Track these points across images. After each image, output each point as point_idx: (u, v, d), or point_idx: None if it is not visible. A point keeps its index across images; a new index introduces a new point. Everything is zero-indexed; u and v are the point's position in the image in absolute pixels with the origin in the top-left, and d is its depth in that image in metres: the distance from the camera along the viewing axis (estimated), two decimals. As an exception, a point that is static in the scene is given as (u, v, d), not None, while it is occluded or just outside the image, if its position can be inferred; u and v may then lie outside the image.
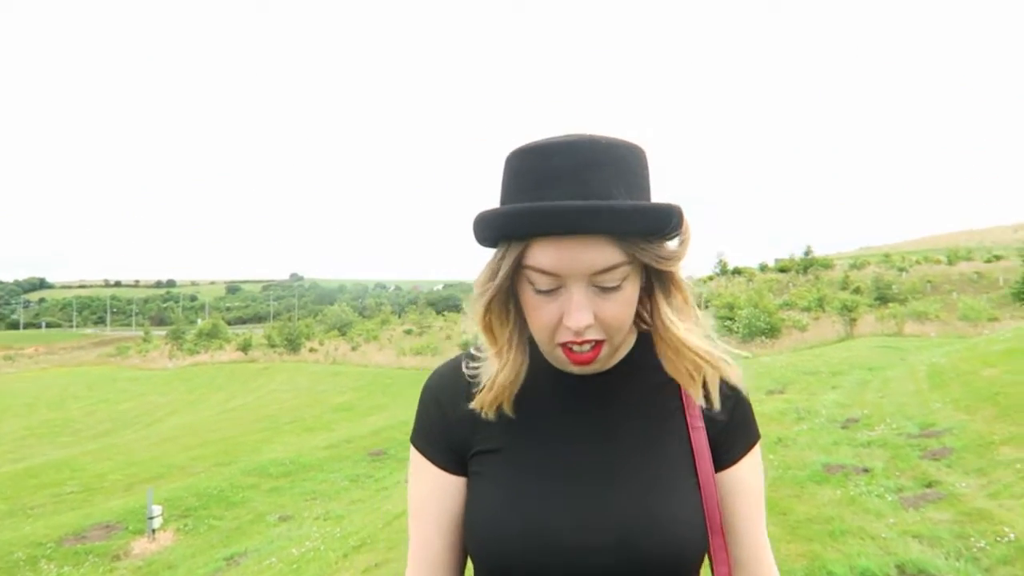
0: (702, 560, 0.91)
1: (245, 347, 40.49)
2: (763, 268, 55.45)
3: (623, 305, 0.82)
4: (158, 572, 7.15)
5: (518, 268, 0.82)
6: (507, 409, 0.90)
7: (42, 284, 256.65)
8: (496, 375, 0.88)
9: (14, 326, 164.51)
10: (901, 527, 4.63)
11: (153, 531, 7.92)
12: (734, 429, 0.95)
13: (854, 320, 24.70)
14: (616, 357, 0.94)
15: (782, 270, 52.21)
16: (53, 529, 8.50)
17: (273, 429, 17.09)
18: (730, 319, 27.01)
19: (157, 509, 7.98)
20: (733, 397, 0.95)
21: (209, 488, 10.09)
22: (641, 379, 0.93)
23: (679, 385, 0.92)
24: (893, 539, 4.42)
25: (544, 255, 0.78)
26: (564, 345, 0.84)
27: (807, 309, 32.09)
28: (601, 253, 0.77)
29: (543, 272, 0.79)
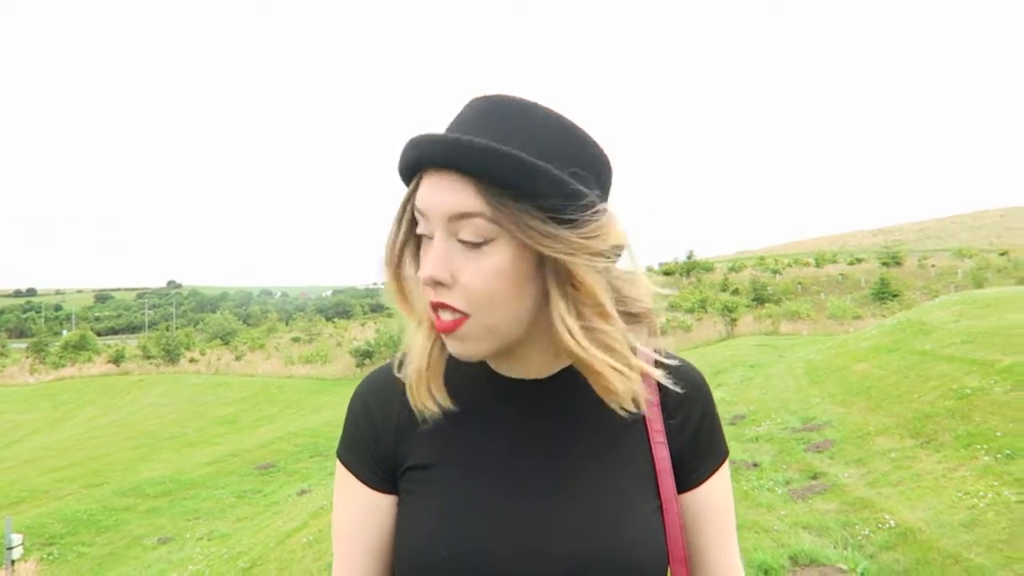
0: None
1: (117, 359, 38.08)
2: (650, 271, 57.23)
3: (486, 273, 0.71)
4: (18, 609, 6.51)
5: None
6: (438, 397, 0.79)
7: None
8: (415, 351, 0.79)
9: None
10: (792, 519, 4.80)
11: (12, 562, 7.19)
12: (700, 445, 0.86)
13: (734, 320, 25.91)
14: (549, 366, 0.83)
15: (667, 273, 54.09)
16: None
17: (150, 446, 16.07)
18: (619, 321, 27.71)
19: (17, 538, 7.25)
20: (699, 409, 0.86)
21: (78, 512, 9.33)
22: (593, 395, 0.81)
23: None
24: (785, 531, 4.58)
25: (421, 190, 0.73)
26: (434, 310, 0.74)
27: (691, 310, 33.35)
28: (456, 195, 0.70)
29: (420, 212, 0.73)
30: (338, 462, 0.87)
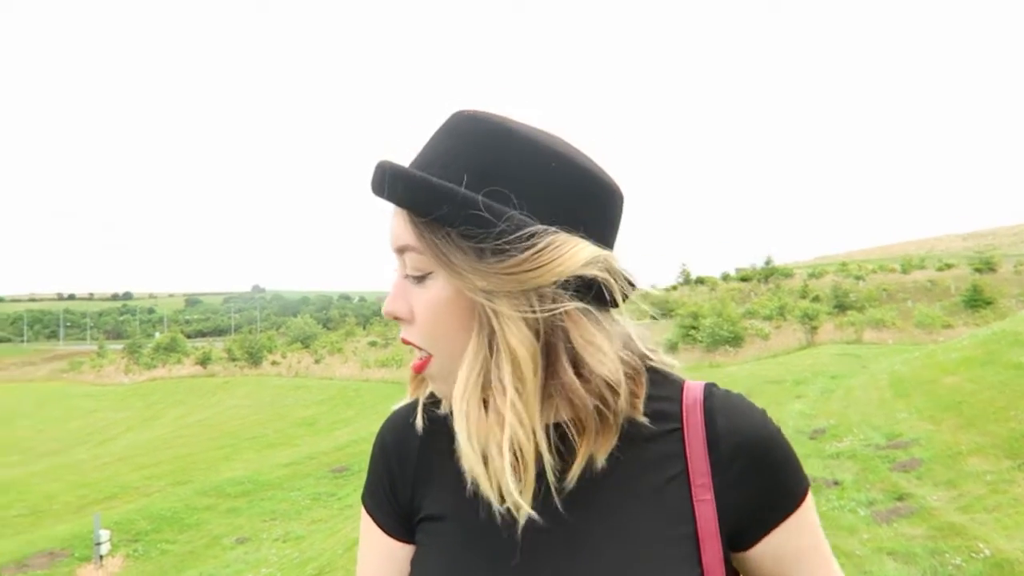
0: None
1: (204, 361, 39.66)
2: (725, 277, 56.08)
3: (427, 307, 0.69)
4: (106, 602, 6.81)
5: None
6: (476, 460, 0.70)
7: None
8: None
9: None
10: (875, 543, 4.56)
11: (101, 557, 7.55)
12: (764, 499, 0.71)
13: (815, 328, 25.01)
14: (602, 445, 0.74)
15: (744, 279, 52.80)
16: (-6, 557, 8.07)
17: (233, 446, 16.64)
18: (694, 328, 27.23)
19: (105, 534, 7.61)
20: (760, 457, 0.71)
21: (162, 510, 9.71)
22: (629, 437, 0.72)
23: (681, 443, 0.72)
24: (868, 556, 4.35)
25: None
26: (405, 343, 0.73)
27: (768, 318, 32.41)
28: (396, 227, 0.70)
29: None
30: (362, 506, 0.83)
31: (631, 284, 0.71)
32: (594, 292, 0.67)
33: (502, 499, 0.67)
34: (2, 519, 10.95)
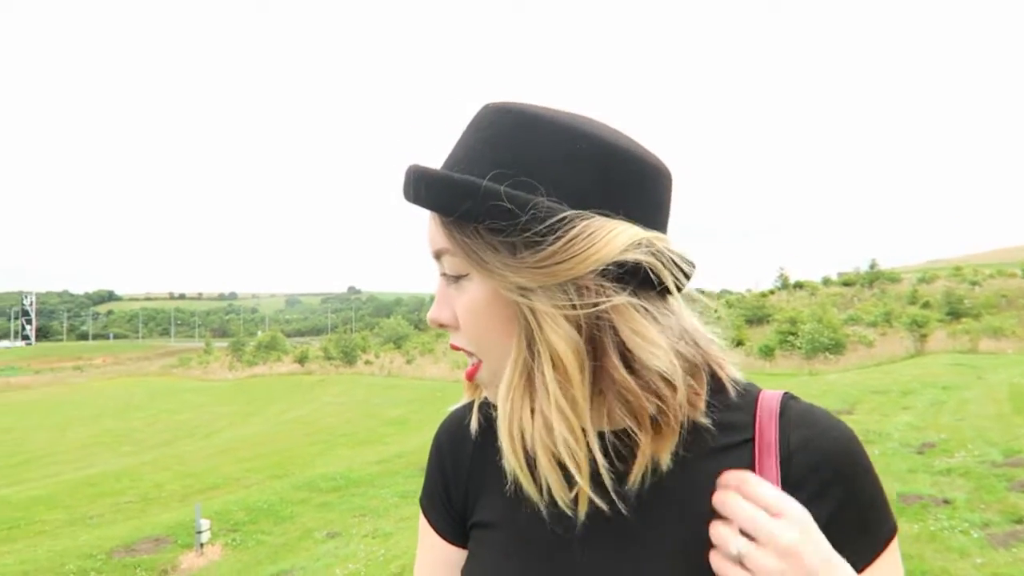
0: None
1: (302, 359, 41.19)
2: (826, 282, 53.97)
3: (467, 308, 0.65)
4: (204, 589, 7.09)
5: None
6: (519, 465, 0.65)
7: (110, 296, 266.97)
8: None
9: (84, 337, 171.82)
10: (990, 569, 4.21)
11: (201, 545, 7.88)
12: (842, 531, 0.62)
13: (924, 336, 23.65)
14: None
15: (846, 284, 50.69)
16: (106, 540, 8.55)
17: (327, 442, 17.15)
18: (792, 334, 26.28)
19: (205, 523, 7.95)
20: (841, 483, 0.63)
21: (259, 502, 10.07)
22: (693, 444, 0.65)
23: (751, 457, 0.64)
24: (983, 583, 4.02)
25: None
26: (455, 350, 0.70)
27: (873, 324, 30.97)
28: (432, 231, 0.67)
29: None
30: (420, 509, 0.82)
31: (689, 265, 0.64)
32: (640, 279, 0.60)
33: (553, 505, 0.64)
34: (116, 505, 11.63)
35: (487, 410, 0.75)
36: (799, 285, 51.63)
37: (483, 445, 0.75)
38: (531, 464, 0.64)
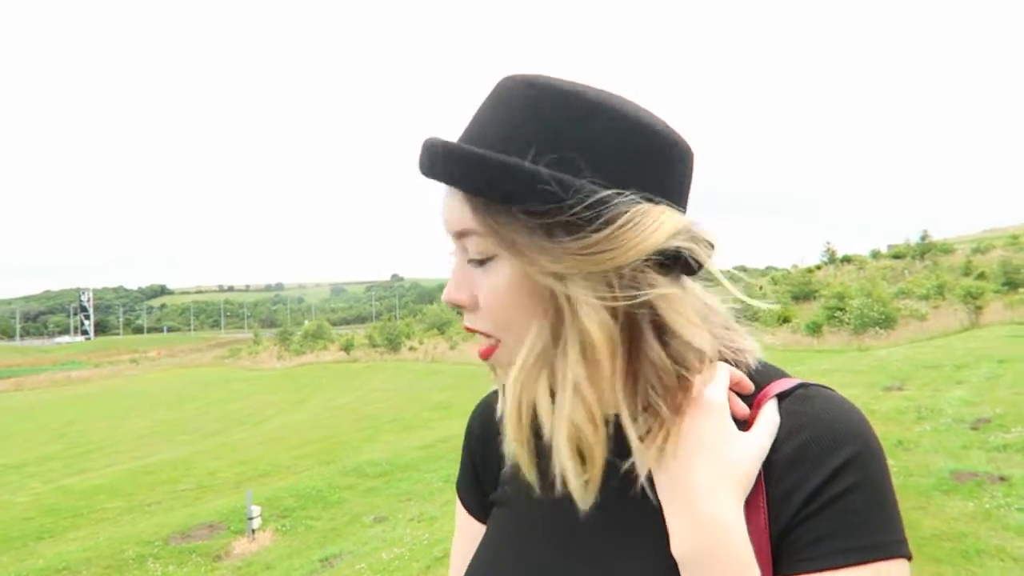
0: None
1: (348, 347, 41.80)
2: (875, 255, 52.66)
3: (493, 292, 0.62)
4: (256, 573, 7.25)
5: None
6: (520, 447, 0.64)
7: (163, 291, 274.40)
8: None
9: (139, 330, 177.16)
10: (1049, 547, 4.06)
11: (253, 531, 8.07)
12: (819, 520, 0.56)
13: (979, 308, 22.91)
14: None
15: (896, 256, 49.35)
16: (162, 527, 8.82)
17: (374, 428, 17.39)
18: (840, 309, 25.73)
19: (256, 510, 8.13)
20: (829, 465, 0.57)
21: (308, 488, 10.27)
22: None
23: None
24: (1041, 561, 3.88)
25: None
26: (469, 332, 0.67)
27: (925, 297, 30.11)
28: (453, 210, 0.63)
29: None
30: (456, 492, 0.85)
31: (712, 247, 0.61)
32: (682, 264, 0.59)
33: (551, 490, 0.63)
34: (172, 492, 11.99)
35: None
36: (847, 259, 50.47)
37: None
38: (539, 449, 0.65)
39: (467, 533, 0.80)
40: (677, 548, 0.57)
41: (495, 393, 0.79)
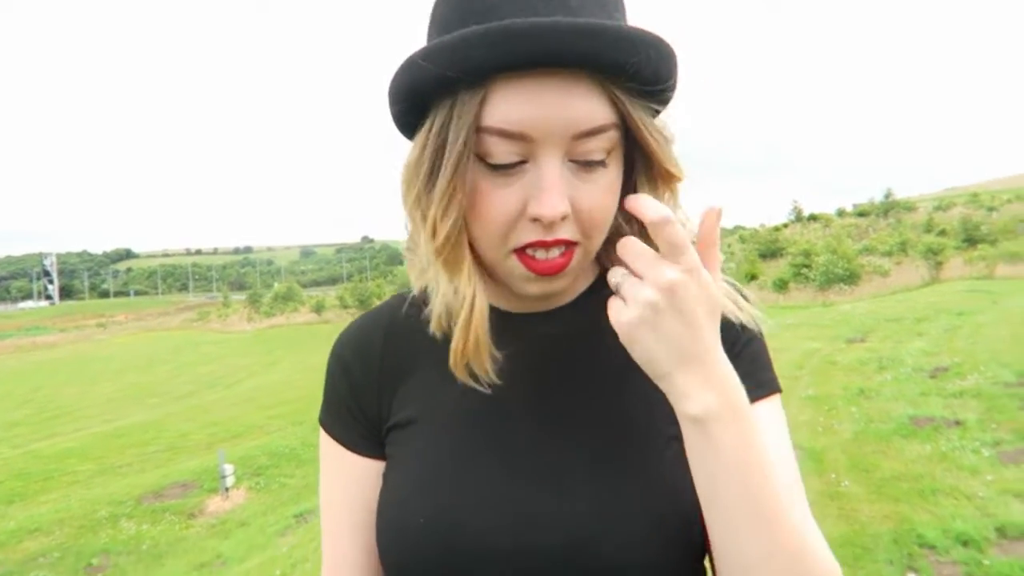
0: (697, 564, 0.64)
1: (319, 309, 41.61)
2: (841, 213, 53.40)
3: (606, 192, 0.57)
4: (231, 530, 7.32)
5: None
6: (487, 360, 0.62)
7: (128, 254, 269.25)
8: (470, 315, 0.61)
9: (105, 295, 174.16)
10: (1000, 485, 4.24)
11: (226, 490, 8.11)
12: (741, 366, 0.60)
13: (940, 264, 23.46)
14: (572, 288, 0.69)
15: (861, 214, 50.14)
16: (135, 488, 8.82)
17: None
18: (806, 266, 26.16)
19: (229, 468, 8.16)
20: (745, 334, 0.67)
21: (281, 447, 10.30)
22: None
23: None
24: (992, 498, 4.05)
25: (508, 105, 0.53)
26: (522, 251, 0.58)
27: (888, 254, 30.71)
28: (586, 104, 0.53)
29: (508, 135, 0.54)
30: (320, 428, 0.74)
31: None
32: None
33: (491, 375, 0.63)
34: (143, 455, 11.94)
35: (396, 310, 0.73)
36: (813, 218, 51.15)
37: (393, 348, 0.71)
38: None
39: (343, 469, 0.71)
40: (696, 407, 0.54)
41: (362, 319, 0.76)
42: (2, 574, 6.61)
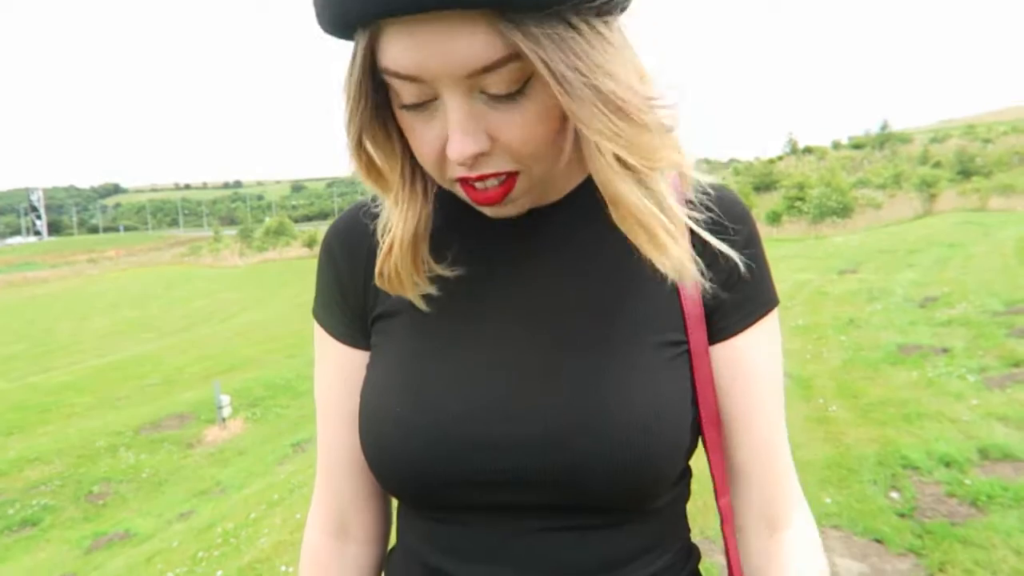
0: (682, 465, 0.65)
1: (311, 244, 41.42)
2: (836, 146, 53.01)
3: (531, 122, 0.53)
4: (229, 458, 7.43)
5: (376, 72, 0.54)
6: (410, 287, 0.63)
7: (116, 189, 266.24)
8: (393, 231, 0.62)
9: (94, 230, 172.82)
10: (984, 409, 4.33)
11: (223, 420, 8.20)
12: (738, 286, 0.65)
13: (933, 196, 23.43)
14: (559, 188, 0.66)
15: (856, 147, 49.78)
16: (132, 419, 8.92)
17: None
18: (800, 199, 26.09)
19: (225, 399, 8.23)
20: (740, 241, 0.65)
21: (277, 379, 10.40)
22: (606, 221, 0.58)
23: None
24: (975, 422, 4.14)
25: (396, 48, 0.51)
26: (462, 181, 0.56)
27: (883, 187, 30.63)
28: (472, 41, 0.49)
29: (402, 77, 0.52)
30: (314, 321, 0.75)
31: None
32: None
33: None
34: (140, 388, 12.03)
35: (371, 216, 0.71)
36: (808, 150, 50.76)
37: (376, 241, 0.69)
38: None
39: (334, 360, 0.72)
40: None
41: (350, 209, 0.74)
42: (4, 502, 6.73)
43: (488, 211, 0.60)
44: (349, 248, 0.72)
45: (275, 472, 6.50)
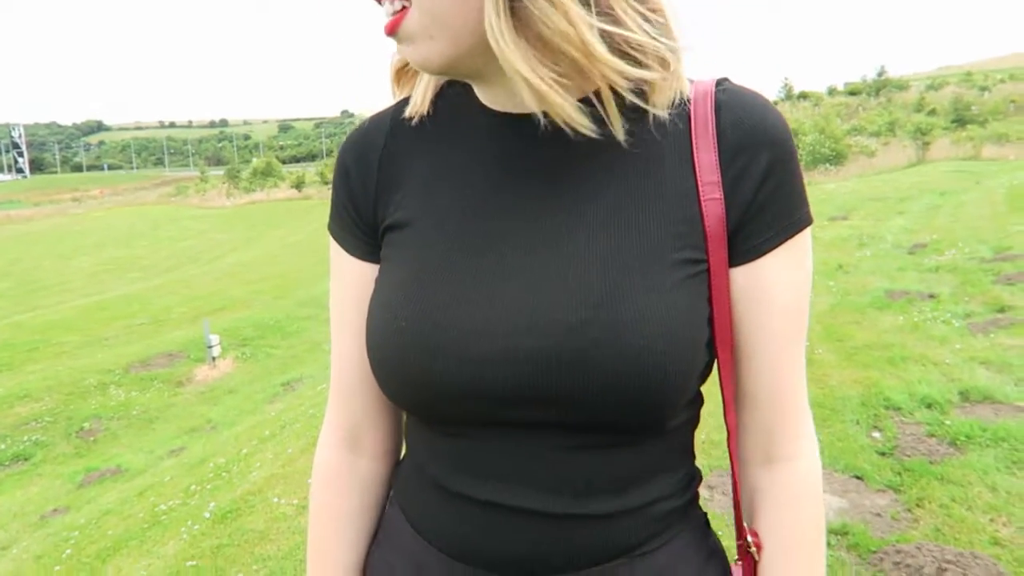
0: (695, 387, 0.63)
1: (299, 185, 40.99)
2: (831, 92, 52.44)
3: None
4: (219, 396, 7.47)
5: None
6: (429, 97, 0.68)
7: (100, 127, 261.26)
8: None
9: (78, 168, 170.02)
10: (968, 353, 4.39)
11: (213, 359, 8.21)
12: (767, 201, 0.61)
13: (927, 144, 23.32)
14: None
15: (852, 93, 49.27)
16: (122, 357, 8.92)
17: (327, 263, 17.43)
18: (793, 146, 25.97)
19: (215, 339, 8.23)
20: (767, 152, 0.61)
21: (266, 319, 10.40)
22: (627, 127, 0.60)
23: (688, 136, 0.61)
24: (958, 365, 4.20)
25: None
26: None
27: (877, 134, 30.41)
28: None
29: None
30: (329, 236, 0.75)
31: None
32: None
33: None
34: (128, 327, 12.00)
35: (400, 109, 0.71)
36: (803, 96, 50.20)
37: (392, 149, 0.70)
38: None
39: (347, 274, 0.73)
40: None
41: (366, 122, 0.74)
42: (-5, 437, 6.76)
43: (403, 54, 0.60)
44: (361, 156, 0.71)
45: (265, 410, 6.55)
